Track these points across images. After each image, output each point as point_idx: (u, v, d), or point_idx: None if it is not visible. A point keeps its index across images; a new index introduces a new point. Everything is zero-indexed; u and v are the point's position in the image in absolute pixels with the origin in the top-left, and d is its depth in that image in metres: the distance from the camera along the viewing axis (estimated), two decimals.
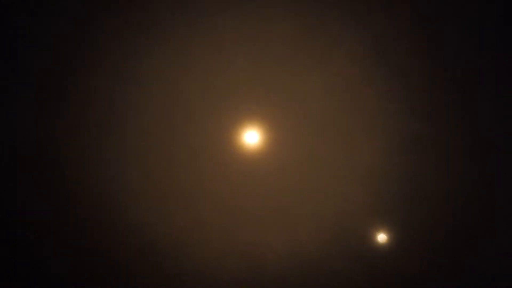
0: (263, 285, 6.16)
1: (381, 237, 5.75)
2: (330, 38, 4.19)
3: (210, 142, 4.83)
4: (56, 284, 5.91)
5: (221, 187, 5.32)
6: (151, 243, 5.73)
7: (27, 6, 3.81)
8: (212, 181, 5.26)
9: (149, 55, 4.20)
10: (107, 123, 4.67)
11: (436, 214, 5.67)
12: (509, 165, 5.02)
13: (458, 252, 6.00)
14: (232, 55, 4.24)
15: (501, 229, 5.70)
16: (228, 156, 4.95)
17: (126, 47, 4.13)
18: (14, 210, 5.25)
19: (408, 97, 4.60)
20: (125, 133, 4.77)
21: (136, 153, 4.93)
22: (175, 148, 4.88)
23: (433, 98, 4.61)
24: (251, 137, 4.78)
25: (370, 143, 4.90)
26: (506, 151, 4.87)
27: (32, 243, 5.52)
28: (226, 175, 5.20)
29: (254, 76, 4.39)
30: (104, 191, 5.30)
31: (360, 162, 5.08)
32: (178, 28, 4.04)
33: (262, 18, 4.06)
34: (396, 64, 4.38)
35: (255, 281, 6.15)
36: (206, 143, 4.84)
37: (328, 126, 4.75)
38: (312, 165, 5.07)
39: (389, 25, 4.13)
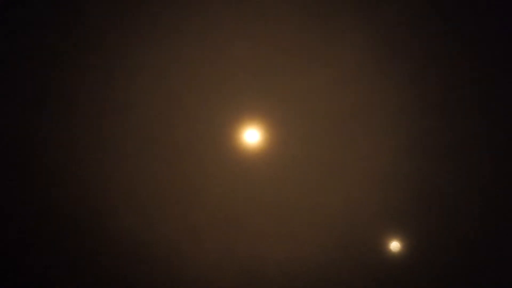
0: None
1: (394, 245, 5.61)
2: (338, 28, 4.15)
3: (207, 141, 4.81)
4: None
5: (219, 190, 5.21)
6: (140, 252, 5.62)
7: (16, 2, 3.84)
8: (209, 184, 5.16)
9: (143, 49, 4.21)
10: (95, 121, 4.66)
11: (454, 219, 5.50)
12: None
13: (478, 260, 5.85)
14: (231, 48, 4.22)
15: None
16: (226, 156, 4.92)
17: (120, 41, 4.15)
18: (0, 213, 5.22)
19: (423, 93, 4.54)
20: (115, 132, 4.76)
21: (126, 152, 4.89)
22: (168, 148, 4.83)
23: (450, 94, 4.56)
24: (252, 136, 4.74)
25: (380, 143, 4.85)
26: None
27: (17, 245, 5.44)
28: (224, 177, 5.10)
29: (255, 69, 4.37)
30: (89, 193, 5.16)
31: (370, 163, 5.03)
32: (175, 22, 4.05)
33: (264, 9, 4.04)
34: (410, 56, 4.34)
35: None
36: (203, 142, 4.82)
37: (335, 124, 4.72)
38: (317, 167, 5.04)
39: (402, 15, 4.08)
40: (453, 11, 4.04)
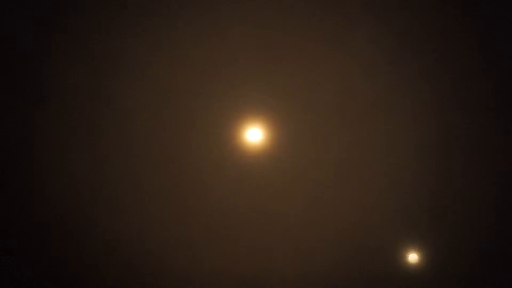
0: None
1: (412, 257, 5.45)
2: (347, 19, 4.14)
3: (205, 142, 4.74)
4: None
5: (217, 194, 5.09)
6: (127, 263, 5.45)
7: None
8: (207, 188, 5.05)
9: (141, 48, 4.23)
10: (86, 119, 4.62)
11: (479, 229, 5.36)
12: None
13: (504, 272, 5.70)
14: (232, 42, 4.24)
15: None
16: (226, 157, 4.86)
17: (121, 41, 4.17)
18: None
19: (443, 87, 4.49)
20: (103, 131, 4.68)
21: (116, 154, 4.82)
22: (166, 148, 4.79)
23: (475, 89, 4.51)
24: (254, 135, 4.70)
25: (396, 142, 4.77)
26: None
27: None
28: (223, 180, 5.01)
29: (257, 64, 4.38)
30: (72, 197, 5.03)
31: (384, 166, 4.92)
32: (175, 19, 4.06)
33: (267, 2, 4.08)
34: (430, 49, 4.31)
35: None
36: (200, 142, 4.75)
37: (345, 121, 4.66)
38: (326, 170, 4.95)
39: (419, 6, 4.08)
40: (472, 3, 4.04)
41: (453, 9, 4.08)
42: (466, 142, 4.75)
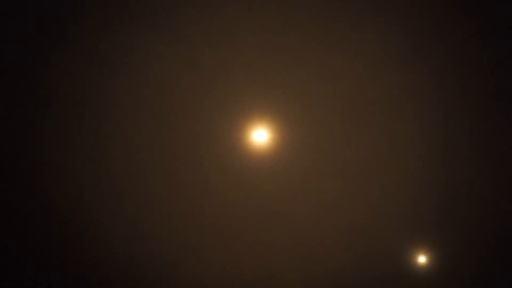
0: None
1: (421, 260, 5.41)
2: (353, 22, 4.14)
3: (213, 142, 4.74)
4: None
5: (222, 195, 5.07)
6: (131, 268, 5.40)
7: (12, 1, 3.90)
8: (212, 188, 5.03)
9: (151, 54, 4.25)
10: (89, 120, 4.60)
11: (488, 230, 5.31)
12: None
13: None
14: (239, 44, 4.24)
15: None
16: (233, 158, 4.84)
17: (126, 42, 4.18)
18: None
19: (450, 87, 4.47)
20: (108, 133, 4.67)
21: (123, 152, 4.80)
22: (172, 150, 4.78)
23: (482, 89, 4.49)
24: (260, 136, 4.67)
25: (403, 144, 4.75)
26: None
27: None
28: (229, 180, 4.99)
29: (263, 67, 4.37)
30: (71, 202, 4.98)
31: (391, 167, 4.90)
32: (185, 23, 4.09)
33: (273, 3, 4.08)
34: (436, 49, 4.30)
35: None
36: (208, 142, 4.75)
37: (350, 123, 4.64)
38: (331, 170, 4.93)
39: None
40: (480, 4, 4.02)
41: (461, 10, 4.05)
42: (474, 142, 4.72)
